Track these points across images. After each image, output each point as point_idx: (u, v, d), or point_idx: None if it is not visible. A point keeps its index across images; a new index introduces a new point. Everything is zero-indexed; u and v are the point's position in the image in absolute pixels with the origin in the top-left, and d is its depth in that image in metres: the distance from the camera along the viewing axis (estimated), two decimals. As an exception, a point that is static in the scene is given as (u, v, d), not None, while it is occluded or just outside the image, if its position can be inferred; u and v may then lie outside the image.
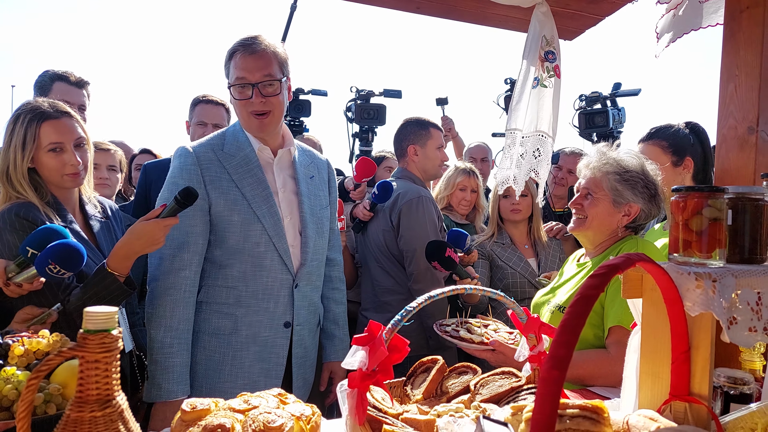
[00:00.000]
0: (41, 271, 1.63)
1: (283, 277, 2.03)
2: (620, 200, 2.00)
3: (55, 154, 1.90)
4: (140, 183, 2.94)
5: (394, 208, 2.94)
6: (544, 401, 0.72)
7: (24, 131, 1.86)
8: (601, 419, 0.95)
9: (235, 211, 1.98)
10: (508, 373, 1.55)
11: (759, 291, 1.15)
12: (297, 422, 1.21)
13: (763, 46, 1.84)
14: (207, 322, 2.00)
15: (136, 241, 1.78)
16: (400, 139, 3.17)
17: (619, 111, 3.75)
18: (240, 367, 1.99)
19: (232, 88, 1.99)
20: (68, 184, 1.96)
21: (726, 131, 1.91)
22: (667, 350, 1.15)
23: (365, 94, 3.89)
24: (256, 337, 2.00)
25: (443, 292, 1.34)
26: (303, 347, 2.12)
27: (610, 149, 2.08)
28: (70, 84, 2.79)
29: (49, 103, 1.94)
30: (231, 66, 1.99)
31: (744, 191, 1.23)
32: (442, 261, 2.58)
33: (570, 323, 0.76)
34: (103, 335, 0.78)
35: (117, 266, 1.78)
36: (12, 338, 1.34)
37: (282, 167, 2.14)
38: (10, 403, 1.18)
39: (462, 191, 3.39)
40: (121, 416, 0.80)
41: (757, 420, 1.17)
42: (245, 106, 1.99)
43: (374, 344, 1.20)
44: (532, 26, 2.55)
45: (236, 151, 2.05)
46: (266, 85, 1.97)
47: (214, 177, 1.99)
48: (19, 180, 1.86)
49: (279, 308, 2.03)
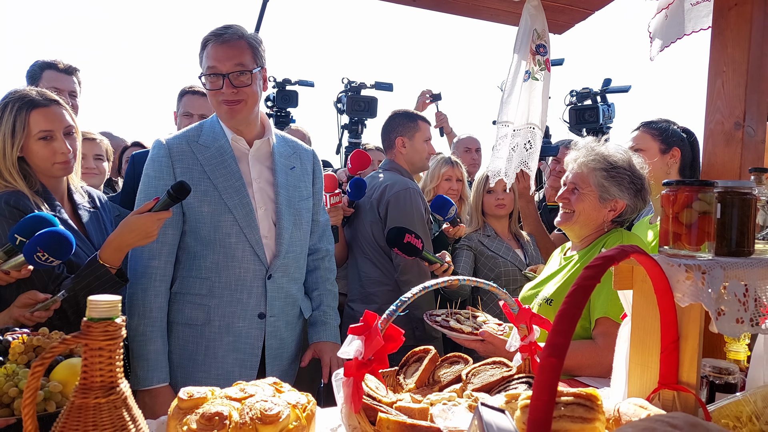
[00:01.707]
0: (29, 259, 1.63)
1: (255, 267, 2.04)
2: (606, 196, 2.02)
3: (46, 142, 1.89)
4: (128, 173, 2.94)
5: (382, 199, 2.95)
6: (542, 387, 0.73)
7: (13, 119, 1.84)
8: (595, 406, 0.97)
9: (205, 202, 1.99)
10: (499, 363, 1.57)
11: (746, 283, 1.18)
12: (293, 410, 1.22)
13: (751, 43, 1.87)
14: (181, 312, 2.02)
15: (129, 234, 1.79)
16: (388, 131, 3.18)
17: (609, 107, 3.79)
18: (213, 357, 2.00)
19: (203, 78, 2.00)
20: (58, 173, 1.95)
21: (713, 126, 1.95)
22: (656, 340, 1.18)
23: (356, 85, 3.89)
24: (230, 327, 2.02)
25: (437, 283, 1.36)
26: (278, 339, 2.11)
27: (598, 144, 2.10)
28: (59, 71, 2.80)
29: (37, 91, 1.93)
30: (204, 56, 2.00)
31: (733, 185, 1.26)
32: (402, 247, 2.60)
33: (567, 312, 0.78)
34: (107, 323, 0.78)
35: (109, 258, 1.79)
36: (12, 335, 1.34)
37: (258, 158, 2.13)
38: (11, 400, 1.18)
39: (447, 181, 3.43)
40: (124, 403, 0.81)
41: (741, 408, 1.20)
42: (215, 95, 2.00)
43: (370, 334, 1.22)
44: (524, 20, 2.57)
45: (211, 142, 2.06)
46: (237, 75, 1.96)
47: (185, 169, 2.00)
48: (9, 169, 1.85)
49: (252, 299, 2.04)
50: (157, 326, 1.95)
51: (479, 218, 3.29)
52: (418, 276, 2.83)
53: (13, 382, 1.20)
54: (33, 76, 2.79)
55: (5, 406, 1.19)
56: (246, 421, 1.14)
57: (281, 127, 3.89)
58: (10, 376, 1.22)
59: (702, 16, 2.17)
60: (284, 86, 4.08)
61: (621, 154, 2.06)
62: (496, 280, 3.11)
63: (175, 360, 2.00)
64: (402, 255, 2.66)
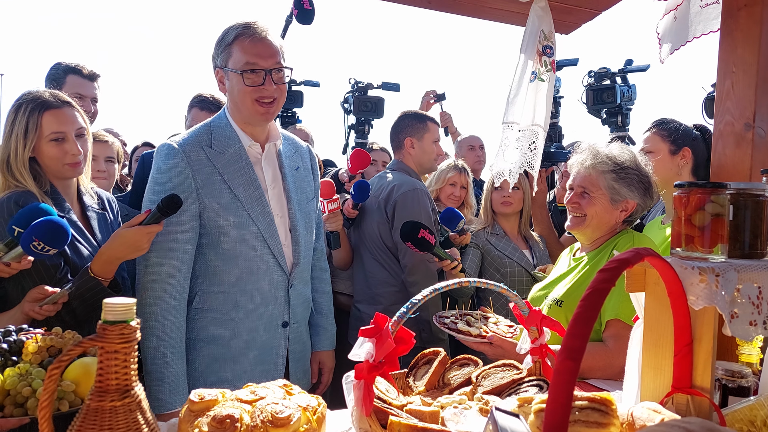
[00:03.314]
0: (26, 249, 1.62)
1: (279, 278, 1.99)
2: (617, 197, 2.02)
3: (57, 143, 1.89)
4: (137, 174, 2.94)
5: (389, 200, 2.94)
6: (558, 391, 0.73)
7: (26, 120, 1.85)
8: (610, 411, 0.97)
9: (229, 215, 1.90)
10: (509, 365, 1.57)
11: (759, 285, 1.17)
12: (304, 413, 1.22)
13: (761, 44, 1.86)
14: (205, 329, 1.94)
15: (119, 247, 1.76)
16: (397, 131, 3.18)
17: (629, 87, 3.68)
18: (242, 372, 1.93)
19: (243, 74, 1.88)
20: (68, 174, 1.95)
21: (723, 127, 1.94)
22: (669, 343, 1.18)
23: (363, 86, 3.88)
24: (256, 341, 1.97)
25: (447, 285, 1.36)
26: (301, 343, 2.11)
27: (601, 145, 2.10)
28: (83, 77, 2.82)
29: (50, 92, 1.94)
30: (234, 50, 1.89)
31: (745, 187, 1.26)
32: (416, 242, 2.59)
33: (583, 315, 0.78)
34: (123, 326, 0.78)
35: (100, 270, 1.77)
36: (26, 335, 1.34)
37: (270, 162, 2.07)
38: (24, 400, 1.18)
39: (452, 186, 3.43)
40: (139, 406, 0.81)
41: (756, 412, 1.19)
42: (253, 92, 1.90)
43: (381, 336, 1.21)
44: (530, 21, 2.56)
45: (225, 147, 1.95)
46: (277, 71, 1.92)
47: (206, 179, 1.89)
48: (20, 169, 1.85)
49: (276, 310, 2.00)
50: (177, 347, 1.86)
51: (489, 215, 3.29)
52: (425, 277, 2.83)
53: (26, 382, 1.20)
54: (56, 78, 2.77)
55: (19, 406, 1.19)
56: (257, 424, 1.14)
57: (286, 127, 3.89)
58: (24, 375, 1.22)
59: (711, 19, 2.15)
60: (290, 86, 4.07)
61: (626, 154, 2.06)
62: (502, 280, 3.11)
63: (200, 378, 1.90)
64: (414, 249, 2.64)
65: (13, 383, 1.22)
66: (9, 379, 1.23)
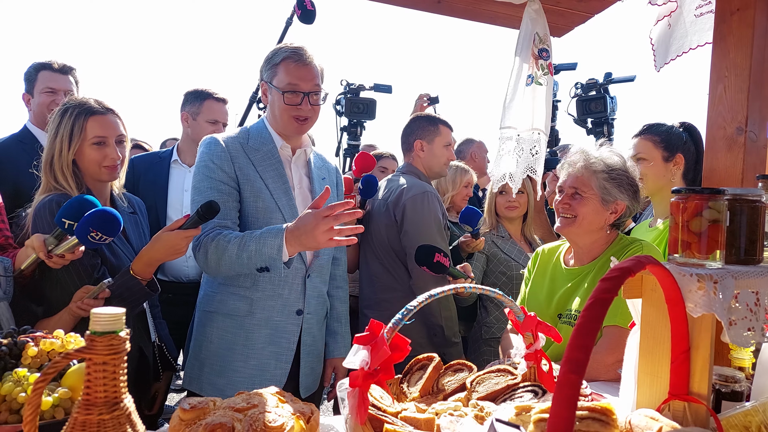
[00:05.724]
0: (83, 239, 1.71)
1: (297, 266, 2.14)
2: (608, 198, 2.03)
3: (98, 147, 2.01)
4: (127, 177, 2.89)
5: (398, 203, 2.88)
6: (561, 404, 0.72)
7: (72, 124, 1.97)
8: (610, 420, 0.95)
9: (259, 198, 2.10)
10: (503, 371, 1.55)
11: (756, 292, 1.17)
12: (297, 421, 1.20)
13: (753, 48, 1.86)
14: (224, 303, 2.11)
15: (160, 249, 1.89)
16: (407, 133, 3.13)
17: (612, 99, 3.74)
18: (252, 348, 2.08)
19: (284, 94, 2.10)
20: (105, 177, 2.06)
21: (715, 131, 1.94)
22: (666, 350, 1.17)
23: (355, 87, 3.86)
24: (269, 321, 2.10)
25: (443, 291, 1.33)
26: (311, 336, 2.21)
27: (592, 149, 2.10)
28: (54, 71, 2.82)
29: (95, 99, 2.07)
30: (279, 71, 2.11)
31: (741, 193, 1.25)
32: (431, 266, 2.57)
33: (586, 326, 0.76)
34: (111, 337, 0.76)
35: (140, 271, 1.90)
36: (27, 338, 1.31)
37: (299, 165, 2.28)
38: (20, 406, 1.15)
39: (466, 188, 3.49)
40: (128, 419, 0.78)
41: (750, 418, 1.19)
42: (291, 110, 2.12)
43: (376, 344, 1.19)
44: (524, 23, 2.55)
45: (260, 145, 2.18)
46: (314, 94, 2.14)
47: (242, 166, 2.11)
48: (62, 170, 1.96)
49: (293, 296, 2.14)
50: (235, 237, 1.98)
51: (493, 219, 3.29)
52: (433, 283, 2.78)
53: (22, 388, 1.17)
54: (29, 78, 2.81)
55: (15, 412, 1.17)
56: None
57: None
58: (20, 381, 1.19)
59: (706, 30, 2.14)
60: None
61: (616, 157, 2.08)
62: (509, 283, 3.11)
63: (213, 349, 2.09)
64: (430, 273, 2.62)
65: (9, 389, 1.19)
66: (5, 384, 1.20)
